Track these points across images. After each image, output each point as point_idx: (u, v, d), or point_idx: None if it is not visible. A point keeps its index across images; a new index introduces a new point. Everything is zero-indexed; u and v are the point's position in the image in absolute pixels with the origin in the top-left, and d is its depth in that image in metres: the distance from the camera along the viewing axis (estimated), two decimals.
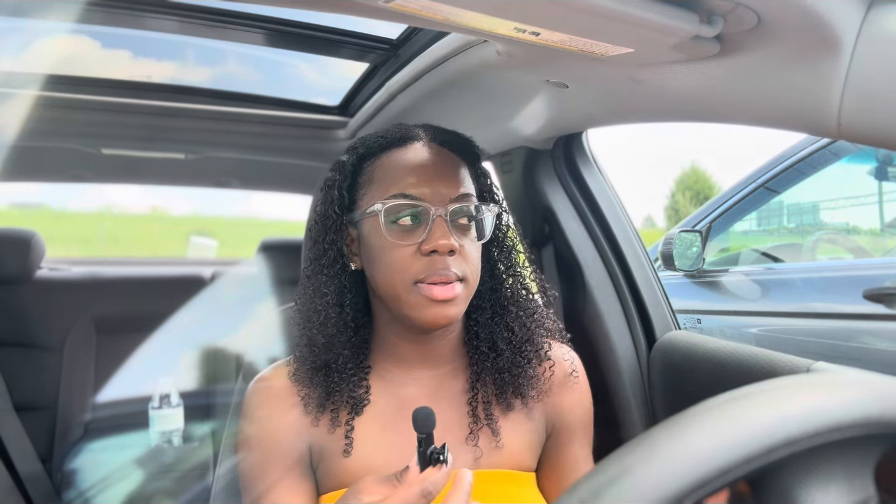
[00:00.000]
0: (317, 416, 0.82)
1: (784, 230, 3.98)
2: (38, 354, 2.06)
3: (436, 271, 0.76)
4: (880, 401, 0.36)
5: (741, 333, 2.43)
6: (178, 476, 1.87)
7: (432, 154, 0.82)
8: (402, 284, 0.78)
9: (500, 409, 0.86)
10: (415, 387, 0.85)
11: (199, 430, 2.02)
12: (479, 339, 0.87)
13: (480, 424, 0.84)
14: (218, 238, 3.55)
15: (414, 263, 0.77)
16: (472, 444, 0.83)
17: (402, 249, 0.78)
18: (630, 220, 1.36)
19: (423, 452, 0.65)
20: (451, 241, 0.76)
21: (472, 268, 0.80)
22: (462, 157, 0.86)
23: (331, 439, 0.82)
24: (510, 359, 0.85)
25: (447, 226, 0.77)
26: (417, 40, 1.19)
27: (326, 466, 0.82)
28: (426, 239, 0.77)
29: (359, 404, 0.83)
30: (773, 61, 0.66)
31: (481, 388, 0.86)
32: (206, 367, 2.15)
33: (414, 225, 0.78)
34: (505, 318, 0.87)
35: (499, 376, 0.85)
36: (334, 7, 0.75)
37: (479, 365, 0.86)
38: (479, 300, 0.87)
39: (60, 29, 1.24)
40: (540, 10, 0.59)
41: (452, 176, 0.81)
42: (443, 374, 0.87)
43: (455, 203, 0.79)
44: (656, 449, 0.34)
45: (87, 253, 3.78)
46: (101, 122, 1.57)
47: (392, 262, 0.78)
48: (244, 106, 1.61)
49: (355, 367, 0.84)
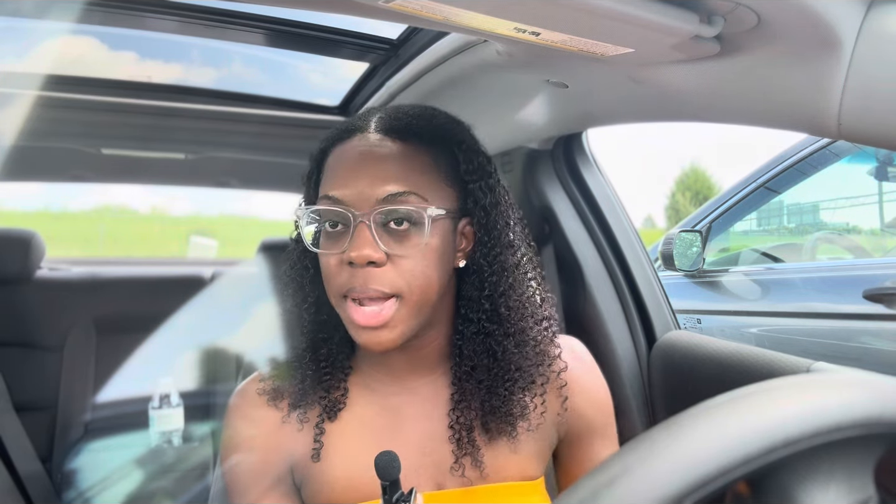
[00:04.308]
0: (287, 414, 0.77)
1: (784, 230, 3.98)
2: (38, 354, 2.06)
3: (355, 286, 0.67)
4: (880, 401, 0.35)
5: (741, 333, 2.43)
6: (178, 476, 1.87)
7: (369, 147, 0.71)
8: (334, 297, 0.71)
9: (482, 439, 0.77)
10: (403, 395, 0.78)
11: (199, 430, 2.02)
12: (461, 354, 0.76)
13: (465, 451, 0.76)
14: (218, 238, 3.55)
15: (341, 274, 0.68)
16: (459, 474, 0.76)
17: (329, 258, 0.70)
18: (630, 220, 1.36)
19: (388, 500, 0.60)
20: (365, 252, 0.66)
21: (413, 280, 0.68)
22: (418, 142, 0.73)
23: (301, 444, 0.76)
24: (489, 387, 0.75)
25: (370, 233, 0.67)
26: (417, 40, 1.19)
27: (307, 480, 0.77)
28: (347, 247, 0.67)
29: (332, 407, 0.76)
30: (773, 61, 0.66)
31: (464, 410, 0.76)
32: (206, 367, 2.15)
33: (341, 230, 0.69)
34: (487, 338, 0.75)
35: (480, 403, 0.76)
36: (334, 7, 0.75)
37: (461, 384, 0.77)
38: (468, 310, 0.75)
39: (60, 29, 1.24)
40: (540, 10, 0.59)
41: (386, 172, 0.69)
42: (434, 382, 0.79)
43: (382, 205, 0.68)
44: (656, 449, 0.33)
45: (87, 253, 3.78)
46: (101, 122, 1.57)
47: (324, 271, 0.71)
48: (244, 106, 1.61)
49: (331, 366, 0.77)
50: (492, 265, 0.74)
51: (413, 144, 0.72)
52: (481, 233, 0.75)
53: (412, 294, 0.69)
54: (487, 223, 0.75)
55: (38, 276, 2.11)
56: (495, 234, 0.75)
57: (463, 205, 0.76)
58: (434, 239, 0.70)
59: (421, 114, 0.77)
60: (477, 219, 0.75)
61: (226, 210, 7.40)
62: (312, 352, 0.77)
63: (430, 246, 0.70)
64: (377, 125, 0.74)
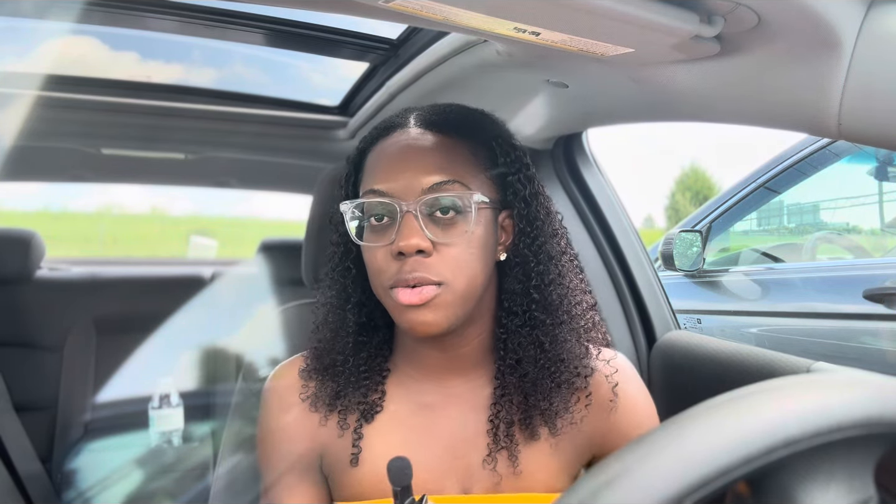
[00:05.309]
0: (325, 416, 0.77)
1: (784, 230, 3.98)
2: (38, 354, 2.06)
3: (403, 276, 0.68)
4: (880, 401, 0.35)
5: (741, 333, 2.43)
6: (178, 476, 1.87)
7: (411, 141, 0.73)
8: (381, 290, 0.71)
9: (523, 434, 0.75)
10: (440, 394, 0.77)
11: (199, 430, 2.02)
12: (506, 348, 0.76)
13: (500, 446, 0.75)
14: (218, 238, 3.55)
15: (388, 267, 0.69)
16: (490, 468, 0.75)
17: (376, 251, 0.71)
18: (630, 220, 1.36)
19: None
20: (413, 241, 0.67)
21: (458, 269, 0.69)
22: (457, 136, 0.74)
23: (339, 445, 0.77)
24: (534, 380, 0.74)
25: (417, 222, 0.68)
26: (417, 40, 1.19)
27: (337, 475, 0.78)
28: (395, 239, 0.68)
29: (370, 410, 0.77)
30: (774, 61, 0.66)
31: (505, 405, 0.75)
32: (206, 367, 2.15)
33: (387, 223, 0.70)
34: (534, 329, 0.75)
35: (524, 398, 0.75)
36: (334, 7, 0.75)
37: (504, 378, 0.76)
38: (511, 303, 0.75)
39: (61, 29, 1.24)
40: (540, 10, 0.59)
41: (430, 163, 0.70)
42: (471, 382, 0.78)
43: (428, 194, 0.69)
44: (656, 449, 0.33)
45: (87, 253, 3.78)
46: (101, 122, 1.57)
47: (370, 265, 0.72)
48: (244, 106, 1.61)
49: (370, 369, 0.78)
50: (537, 255, 0.75)
51: (452, 137, 0.74)
52: (523, 224, 0.75)
53: (457, 282, 0.69)
54: (528, 213, 0.75)
55: (38, 276, 2.11)
56: (538, 224, 0.76)
57: (503, 197, 0.76)
58: (479, 228, 0.71)
59: (458, 109, 0.79)
60: (517, 210, 0.76)
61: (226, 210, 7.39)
62: (354, 354, 0.77)
63: (475, 235, 0.71)
64: (416, 121, 0.76)
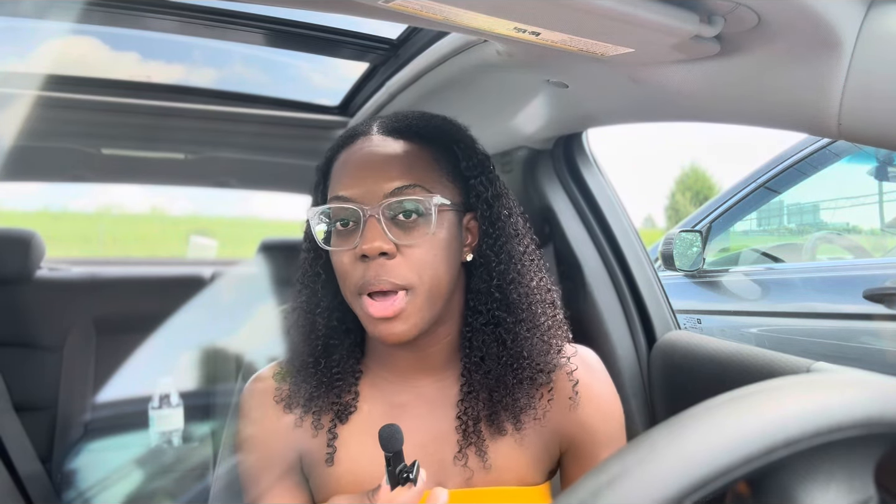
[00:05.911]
0: (300, 418, 0.79)
1: (784, 230, 3.98)
2: (38, 354, 2.06)
3: (369, 280, 0.70)
4: (880, 401, 0.35)
5: (741, 333, 2.43)
6: (178, 476, 1.87)
7: (373, 147, 0.75)
8: (350, 294, 0.73)
9: (490, 430, 0.78)
10: (410, 394, 0.80)
11: (199, 430, 2.02)
12: (471, 346, 0.78)
13: (470, 441, 0.77)
14: (218, 238, 3.55)
15: (355, 270, 0.71)
16: (462, 464, 0.77)
17: (343, 255, 0.72)
18: (630, 220, 1.36)
19: (391, 471, 0.64)
20: (376, 244, 0.69)
21: (423, 271, 0.71)
22: (419, 141, 0.76)
23: (315, 446, 0.79)
24: (498, 376, 0.76)
25: (380, 226, 0.70)
26: (417, 40, 1.19)
27: (315, 476, 0.80)
28: (359, 242, 0.70)
29: (344, 411, 0.79)
30: (774, 61, 0.66)
31: (472, 402, 0.78)
32: (206, 367, 2.15)
33: (352, 228, 0.72)
34: (497, 327, 0.77)
35: (489, 395, 0.77)
36: (334, 7, 0.75)
37: (470, 376, 0.78)
38: (476, 302, 0.78)
39: (61, 29, 1.24)
40: (540, 10, 0.59)
41: (391, 168, 0.72)
42: (441, 381, 0.81)
43: (389, 198, 0.71)
44: (656, 449, 0.33)
45: (87, 253, 3.78)
46: (101, 122, 1.57)
47: (338, 269, 0.74)
48: (244, 106, 1.61)
49: (342, 371, 0.79)
50: (499, 255, 0.77)
51: (415, 143, 0.76)
52: (486, 225, 0.78)
53: (423, 285, 0.71)
54: (491, 215, 0.78)
55: (37, 276, 2.11)
56: (500, 225, 0.78)
57: (466, 200, 0.78)
58: (441, 230, 0.73)
59: (420, 116, 0.81)
60: (480, 212, 0.78)
61: (225, 210, 7.40)
62: (325, 356, 0.79)
63: (438, 237, 0.73)
64: (379, 128, 0.78)
